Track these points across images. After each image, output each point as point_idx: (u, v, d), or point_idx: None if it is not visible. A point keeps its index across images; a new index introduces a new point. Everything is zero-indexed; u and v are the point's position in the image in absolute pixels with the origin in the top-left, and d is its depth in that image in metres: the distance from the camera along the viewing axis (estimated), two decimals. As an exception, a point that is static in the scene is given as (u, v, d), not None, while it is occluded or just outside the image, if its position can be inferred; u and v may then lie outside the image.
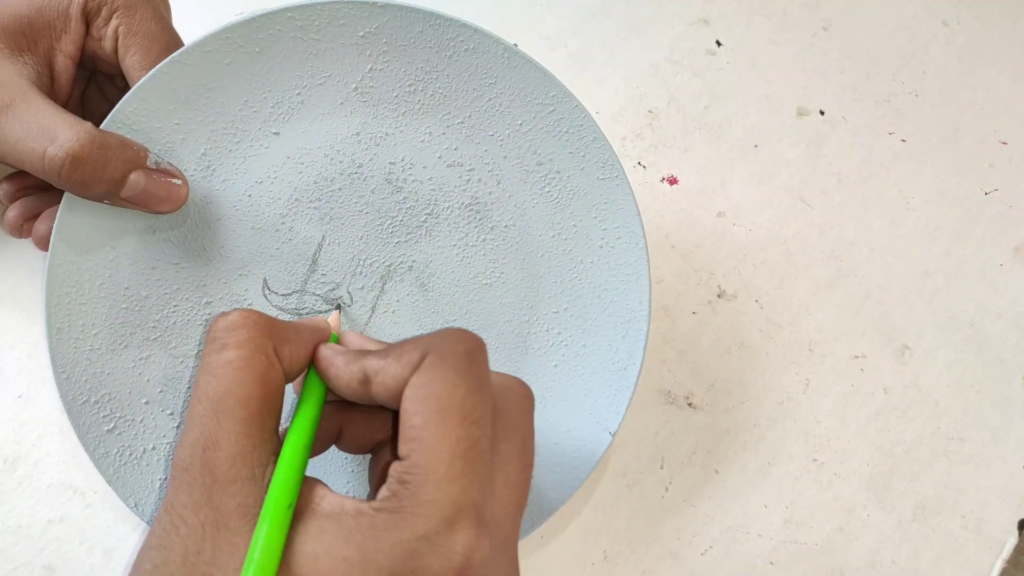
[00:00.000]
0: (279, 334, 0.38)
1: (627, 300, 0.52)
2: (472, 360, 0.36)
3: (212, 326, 0.38)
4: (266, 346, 0.37)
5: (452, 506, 0.33)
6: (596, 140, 0.50)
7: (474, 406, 0.35)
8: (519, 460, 0.37)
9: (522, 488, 0.37)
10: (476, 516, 0.33)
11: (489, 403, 0.36)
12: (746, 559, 0.59)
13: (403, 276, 0.51)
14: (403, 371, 0.36)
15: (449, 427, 0.34)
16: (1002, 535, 0.62)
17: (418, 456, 0.34)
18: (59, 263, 0.46)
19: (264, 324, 0.38)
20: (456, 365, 0.35)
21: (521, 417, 0.39)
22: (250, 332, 0.37)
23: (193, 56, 0.46)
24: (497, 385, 0.38)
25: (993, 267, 0.69)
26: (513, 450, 0.37)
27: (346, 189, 0.50)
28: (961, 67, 0.75)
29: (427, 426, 0.34)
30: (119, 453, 0.48)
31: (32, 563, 0.53)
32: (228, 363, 0.36)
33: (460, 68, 0.49)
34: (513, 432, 0.38)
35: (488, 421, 0.35)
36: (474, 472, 0.34)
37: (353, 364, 0.38)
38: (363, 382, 0.38)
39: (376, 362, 0.37)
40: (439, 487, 0.33)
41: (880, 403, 0.64)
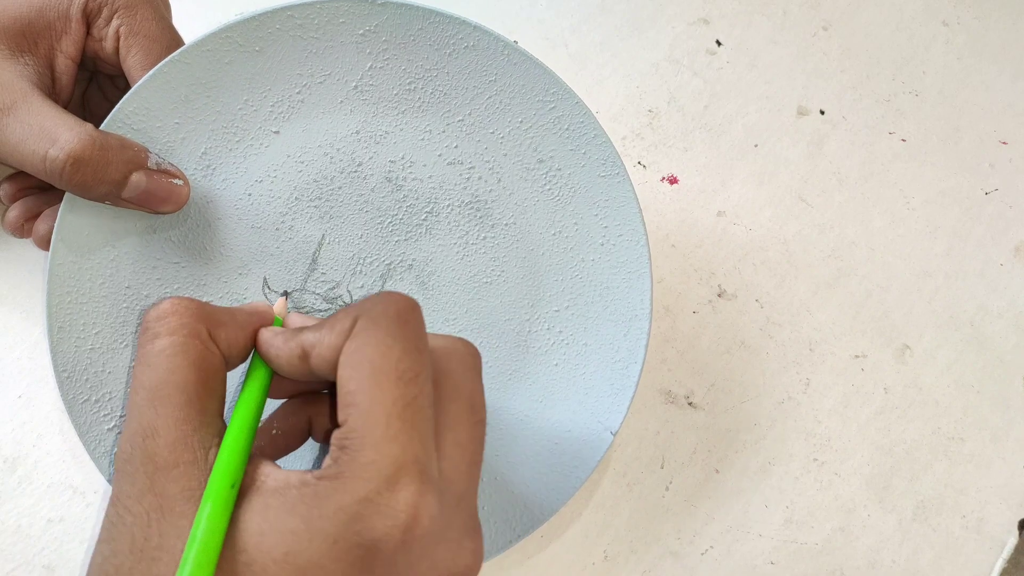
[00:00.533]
0: (213, 318, 0.38)
1: (628, 298, 0.52)
2: (404, 320, 0.36)
3: (144, 316, 0.38)
4: (199, 331, 0.37)
5: (392, 465, 0.33)
6: (597, 137, 0.50)
7: (409, 365, 0.34)
8: (468, 418, 0.37)
9: (474, 446, 0.37)
10: (419, 473, 0.33)
11: (425, 362, 0.36)
12: (746, 559, 0.59)
13: (403, 274, 0.51)
14: (337, 339, 0.36)
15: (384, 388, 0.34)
16: (1002, 535, 0.62)
17: (355, 420, 0.34)
18: (60, 262, 0.46)
19: (195, 309, 0.38)
20: (388, 327, 0.35)
21: (466, 376, 0.38)
22: (181, 318, 0.37)
23: (193, 55, 0.46)
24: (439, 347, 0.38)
25: (993, 267, 0.69)
26: (460, 409, 0.37)
27: (346, 188, 0.50)
28: (961, 67, 0.75)
29: (361, 390, 0.34)
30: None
31: (32, 563, 0.53)
32: (161, 351, 0.36)
33: (460, 66, 0.49)
34: (458, 391, 0.37)
35: (426, 379, 0.35)
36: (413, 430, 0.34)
37: (291, 341, 0.38)
38: (302, 357, 0.37)
39: (312, 335, 0.37)
40: (377, 447, 0.33)
41: (880, 403, 0.64)
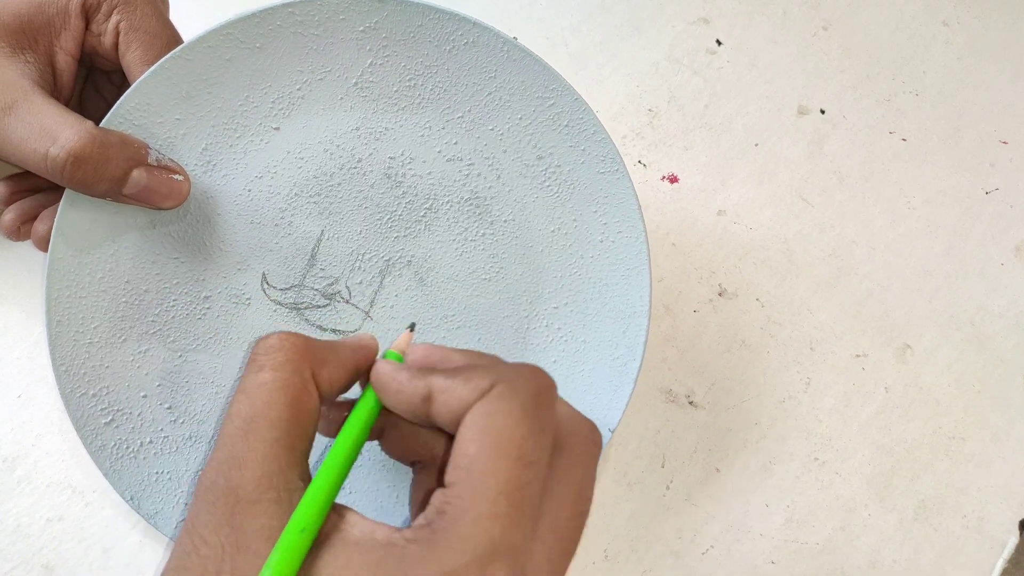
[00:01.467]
0: (318, 356, 0.38)
1: (627, 295, 0.52)
2: (541, 401, 0.35)
3: (253, 348, 0.38)
4: (303, 369, 0.37)
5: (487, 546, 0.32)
6: (596, 134, 0.50)
7: (532, 448, 0.34)
8: (572, 506, 0.36)
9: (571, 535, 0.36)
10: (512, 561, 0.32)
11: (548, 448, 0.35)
12: (747, 558, 0.59)
13: (402, 271, 0.51)
14: (470, 395, 0.35)
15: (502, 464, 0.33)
16: (1003, 535, 0.62)
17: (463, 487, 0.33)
18: (60, 257, 0.46)
19: (302, 347, 0.37)
20: (524, 402, 0.34)
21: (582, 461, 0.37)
22: (288, 355, 0.37)
23: (194, 52, 0.46)
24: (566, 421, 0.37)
25: (994, 266, 0.69)
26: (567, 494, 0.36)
27: (345, 184, 0.50)
28: (961, 67, 0.75)
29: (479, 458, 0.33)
30: (116, 446, 0.48)
31: (31, 562, 0.53)
32: (262, 384, 0.36)
33: (460, 62, 0.49)
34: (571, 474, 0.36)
35: (543, 467, 0.34)
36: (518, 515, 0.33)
37: (418, 379, 0.37)
38: (426, 399, 0.36)
39: (443, 381, 0.36)
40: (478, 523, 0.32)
41: (881, 402, 0.64)
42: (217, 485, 0.34)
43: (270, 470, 0.34)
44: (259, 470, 0.34)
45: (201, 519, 0.34)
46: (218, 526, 0.33)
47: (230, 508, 0.33)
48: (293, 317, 0.50)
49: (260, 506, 0.33)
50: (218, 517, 0.33)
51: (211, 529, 0.33)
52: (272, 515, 0.33)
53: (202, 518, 0.34)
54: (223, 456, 0.35)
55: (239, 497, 0.33)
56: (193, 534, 0.33)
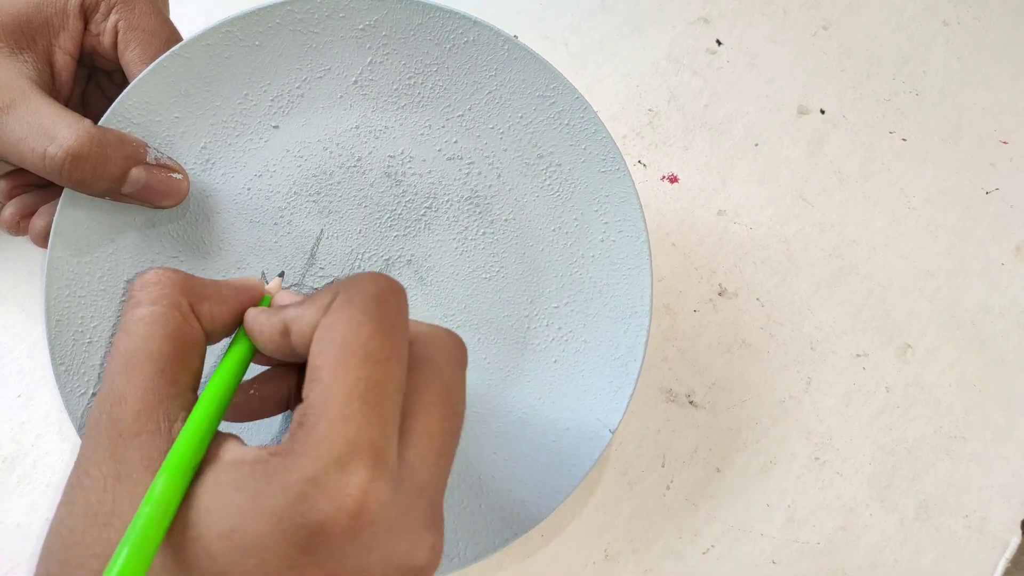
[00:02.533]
0: (197, 291, 0.38)
1: (628, 295, 0.52)
2: (382, 301, 0.35)
3: (130, 285, 0.38)
4: (180, 302, 0.37)
5: (344, 445, 0.31)
6: (597, 132, 0.50)
7: (379, 346, 0.34)
8: (441, 408, 0.36)
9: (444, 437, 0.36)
10: (372, 457, 0.32)
11: (398, 346, 0.35)
12: (748, 558, 0.59)
13: (402, 270, 0.51)
14: (315, 315, 0.35)
15: (349, 366, 0.33)
16: (1005, 534, 0.62)
17: (315, 396, 0.33)
18: (59, 256, 0.46)
19: (179, 281, 0.38)
20: (364, 305, 0.34)
21: (447, 366, 0.37)
22: (164, 288, 0.37)
23: (193, 50, 0.46)
24: (421, 333, 0.38)
25: (994, 266, 0.69)
26: (434, 397, 0.36)
27: (345, 182, 0.50)
28: (961, 67, 0.75)
29: (327, 366, 0.33)
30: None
31: (30, 562, 0.53)
32: (140, 319, 0.36)
33: (460, 60, 0.49)
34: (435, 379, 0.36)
35: (397, 363, 0.34)
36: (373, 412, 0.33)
37: (274, 316, 0.37)
38: (283, 333, 0.37)
39: (293, 311, 0.36)
40: (332, 426, 0.32)
41: (882, 402, 0.64)
42: (100, 421, 0.34)
43: (150, 403, 0.35)
44: (138, 404, 0.34)
45: (86, 454, 0.34)
46: (101, 460, 0.34)
47: (112, 442, 0.34)
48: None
49: (140, 438, 0.34)
50: (101, 451, 0.34)
51: (94, 463, 0.34)
52: (152, 446, 0.34)
53: (87, 453, 0.34)
54: (105, 392, 0.35)
55: (120, 431, 0.34)
56: (79, 469, 0.34)
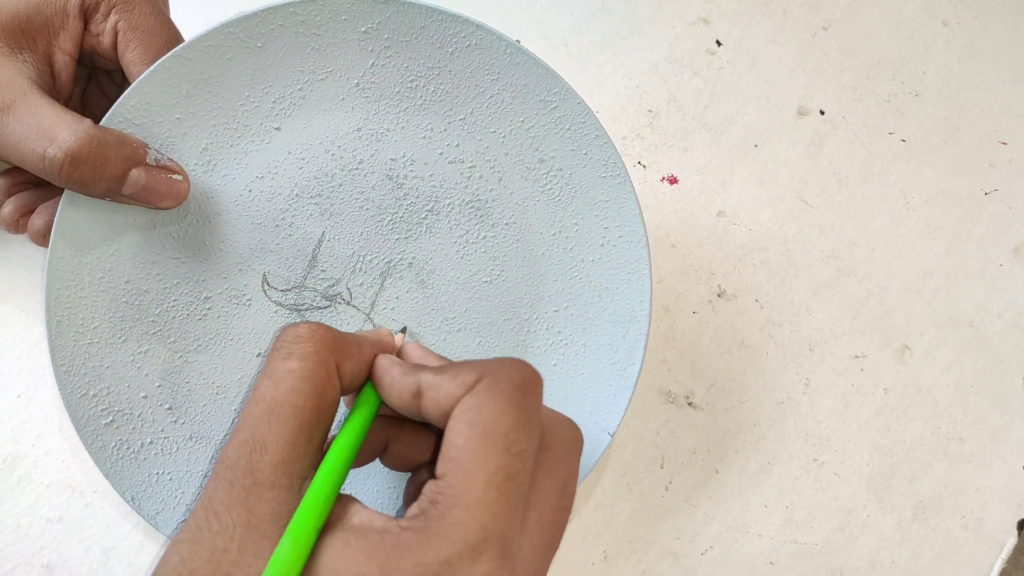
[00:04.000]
0: (343, 350, 0.39)
1: (628, 299, 0.52)
2: (526, 392, 0.36)
3: (281, 334, 0.38)
4: (328, 361, 0.38)
5: (479, 533, 0.32)
6: (598, 138, 0.50)
7: (519, 438, 0.34)
8: (557, 500, 0.37)
9: (555, 528, 0.37)
10: (502, 548, 0.33)
11: (535, 438, 0.36)
12: (746, 559, 0.59)
13: (403, 273, 0.51)
14: (456, 390, 0.36)
15: (490, 453, 0.34)
16: (1002, 535, 0.62)
17: (454, 477, 0.34)
18: (60, 257, 0.46)
19: (330, 339, 0.38)
20: (510, 394, 0.35)
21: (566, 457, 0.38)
22: (316, 346, 0.38)
23: (195, 51, 0.46)
24: (547, 421, 0.38)
25: (993, 267, 0.69)
26: (552, 488, 0.37)
27: (347, 185, 0.50)
28: (961, 67, 0.75)
29: (468, 448, 0.34)
30: (116, 447, 0.48)
31: (31, 562, 0.53)
32: (290, 372, 0.37)
33: (462, 64, 0.49)
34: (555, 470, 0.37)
35: (531, 456, 0.35)
36: (507, 503, 0.33)
37: (408, 376, 0.38)
38: (415, 395, 0.37)
39: (431, 377, 0.37)
40: (469, 511, 0.33)
41: (880, 403, 0.64)
42: (237, 465, 0.35)
43: (288, 456, 0.35)
44: (278, 456, 0.35)
45: (218, 496, 0.35)
46: (232, 505, 0.34)
47: (246, 489, 0.34)
48: (294, 319, 0.50)
49: (275, 491, 0.35)
50: (234, 496, 0.34)
51: (225, 507, 0.34)
52: (284, 500, 0.35)
53: (219, 495, 0.35)
54: (245, 437, 0.36)
55: (256, 480, 0.35)
56: (208, 509, 0.34)
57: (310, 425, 0.36)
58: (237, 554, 0.33)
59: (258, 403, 0.36)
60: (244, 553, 0.33)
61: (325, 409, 0.37)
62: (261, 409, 0.36)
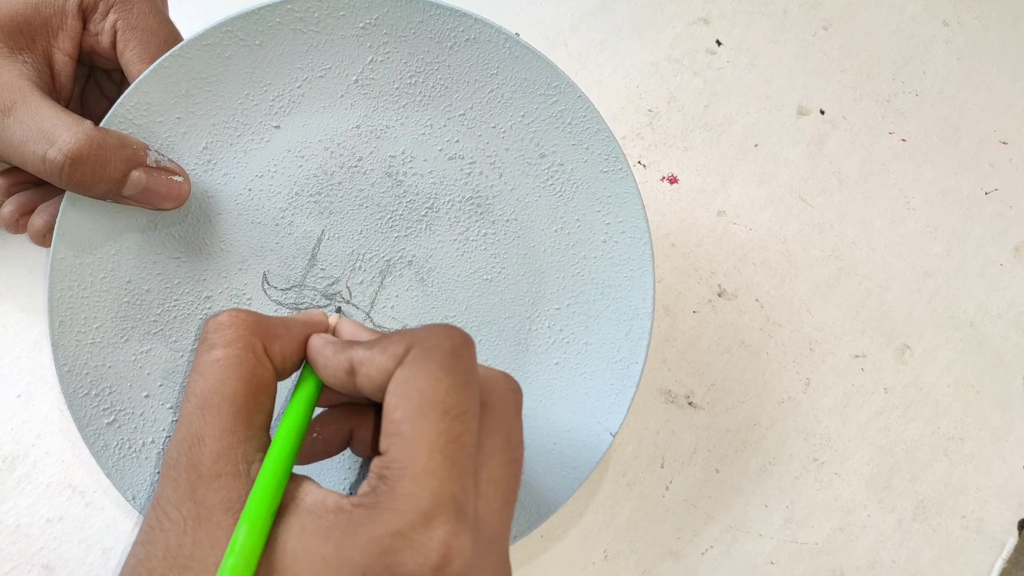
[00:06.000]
0: (269, 332, 0.39)
1: (630, 297, 0.52)
2: (458, 356, 0.36)
3: (204, 327, 0.38)
4: (254, 344, 0.38)
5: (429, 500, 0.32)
6: (600, 132, 0.50)
7: (457, 401, 0.34)
8: (504, 455, 0.37)
9: (509, 484, 0.37)
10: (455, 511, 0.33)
11: (474, 399, 0.36)
12: (746, 559, 0.59)
13: (402, 271, 0.51)
14: (387, 363, 0.36)
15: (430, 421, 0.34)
16: (1002, 535, 0.62)
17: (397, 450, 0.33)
18: (62, 257, 0.46)
19: (253, 322, 0.38)
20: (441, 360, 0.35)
21: (507, 412, 0.38)
22: (238, 331, 0.38)
23: (194, 50, 0.46)
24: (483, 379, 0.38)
25: (993, 267, 0.69)
26: (498, 445, 0.37)
27: (346, 183, 0.50)
28: (961, 67, 0.75)
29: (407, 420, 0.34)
30: (118, 446, 0.48)
31: (31, 562, 0.53)
32: (216, 361, 0.37)
33: (461, 59, 0.49)
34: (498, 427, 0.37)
35: (473, 417, 0.35)
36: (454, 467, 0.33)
37: (340, 354, 0.38)
38: (349, 372, 0.37)
39: (362, 352, 0.37)
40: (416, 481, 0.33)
41: (880, 403, 0.64)
42: (179, 463, 0.35)
43: (228, 444, 0.35)
44: (217, 445, 0.35)
45: (165, 495, 0.35)
46: (180, 501, 0.35)
47: (191, 483, 0.35)
48: (294, 317, 0.50)
49: (220, 480, 0.35)
50: (180, 493, 0.35)
51: (174, 504, 0.35)
52: (231, 488, 0.35)
53: (166, 494, 0.35)
54: (183, 434, 0.36)
55: (200, 473, 0.35)
56: (157, 509, 0.35)
57: (247, 410, 0.36)
58: (192, 547, 0.34)
59: (189, 399, 0.36)
60: (199, 545, 0.34)
61: (260, 391, 0.37)
62: (193, 404, 0.36)
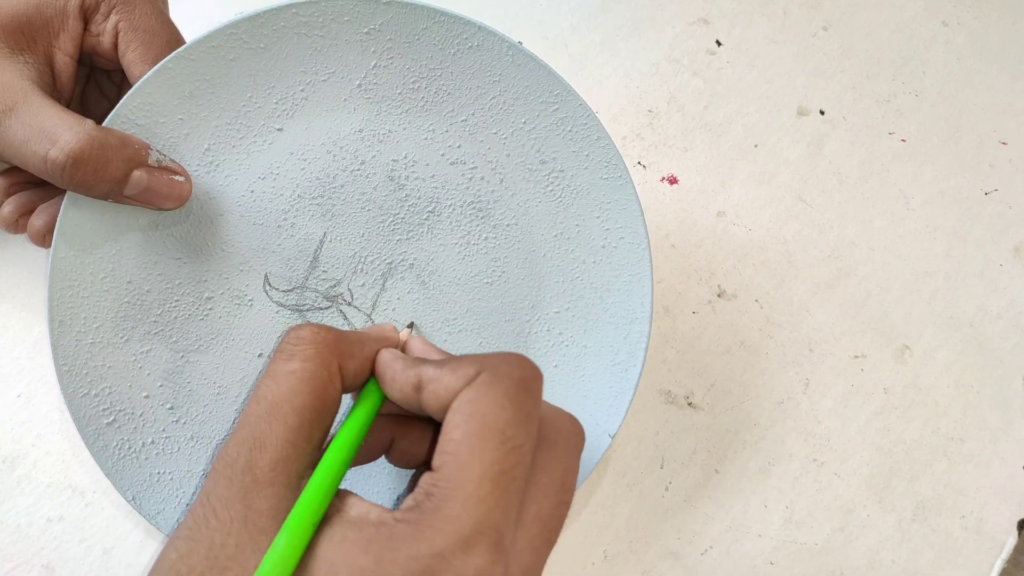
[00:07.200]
0: (345, 350, 0.39)
1: (629, 301, 0.52)
2: (526, 388, 0.36)
3: (285, 336, 0.39)
4: (331, 362, 0.38)
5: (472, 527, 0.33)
6: (600, 139, 0.50)
7: (516, 432, 0.35)
8: (556, 496, 0.37)
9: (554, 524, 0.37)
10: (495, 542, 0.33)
11: (533, 434, 0.36)
12: (746, 559, 0.59)
13: (404, 274, 0.51)
14: (456, 383, 0.36)
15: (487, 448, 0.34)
16: (1002, 535, 0.62)
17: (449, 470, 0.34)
18: (62, 257, 0.46)
19: (332, 341, 0.39)
20: (508, 388, 0.35)
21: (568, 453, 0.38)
22: (318, 348, 0.38)
23: (197, 51, 0.46)
24: (549, 417, 0.38)
25: (993, 267, 0.69)
26: (551, 484, 0.37)
27: (348, 186, 0.50)
28: (961, 67, 0.75)
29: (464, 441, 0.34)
30: (118, 446, 0.48)
31: (31, 562, 0.53)
32: (292, 372, 0.37)
33: (464, 65, 0.49)
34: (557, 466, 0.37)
35: (528, 452, 0.35)
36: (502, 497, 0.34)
37: (410, 369, 0.38)
38: (416, 388, 0.38)
39: (432, 370, 0.37)
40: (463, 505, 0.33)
41: (880, 403, 0.64)
42: (236, 463, 0.35)
43: (287, 455, 0.36)
44: (277, 454, 0.35)
45: (217, 492, 0.35)
46: (231, 501, 0.35)
47: (245, 486, 0.35)
48: (295, 319, 0.50)
49: (273, 488, 0.35)
50: (232, 493, 0.35)
51: (224, 504, 0.35)
52: (282, 497, 0.35)
53: (218, 492, 0.35)
54: (245, 435, 0.36)
55: (255, 477, 0.35)
56: (207, 506, 0.35)
57: (310, 425, 0.36)
58: (235, 549, 0.34)
59: (259, 402, 0.37)
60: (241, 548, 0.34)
61: (325, 410, 0.37)
62: (262, 408, 0.36)
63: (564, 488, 0.37)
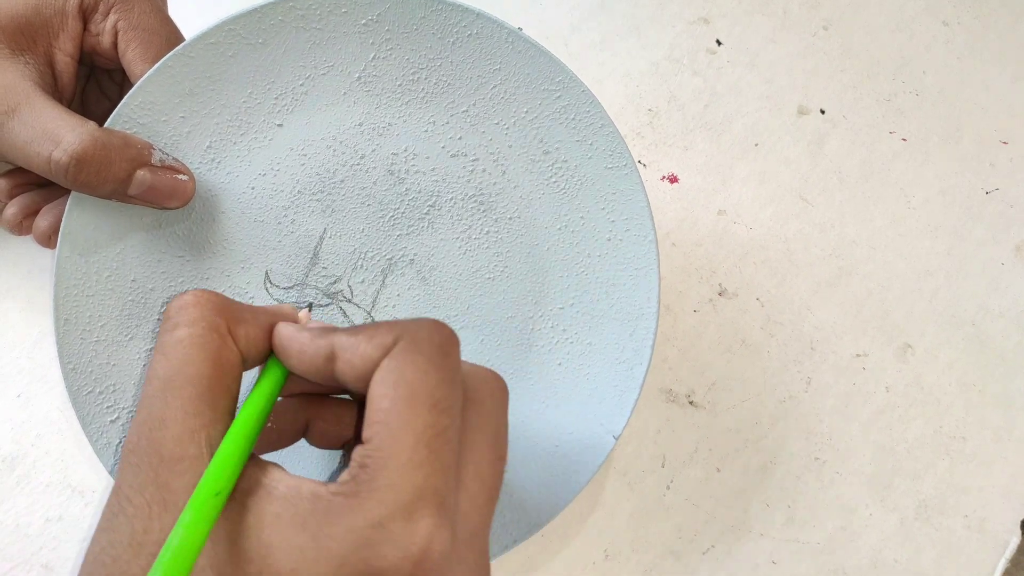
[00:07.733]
0: (234, 314, 0.38)
1: (635, 296, 0.51)
2: (445, 351, 0.35)
3: (167, 306, 0.37)
4: (218, 324, 0.37)
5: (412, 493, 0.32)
6: (604, 127, 0.50)
7: (444, 395, 0.34)
8: (491, 452, 0.37)
9: (493, 480, 0.36)
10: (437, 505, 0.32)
11: (459, 394, 0.35)
12: (748, 558, 0.59)
13: (404, 270, 0.51)
14: (374, 352, 0.35)
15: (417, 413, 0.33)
16: (1005, 534, 0.62)
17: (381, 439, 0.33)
18: (67, 256, 0.46)
19: (217, 303, 0.37)
20: (430, 353, 0.35)
21: (494, 409, 0.38)
22: (202, 311, 0.37)
23: (197, 48, 0.46)
24: (470, 375, 0.38)
25: (994, 266, 0.69)
26: (485, 441, 0.36)
27: (348, 181, 0.50)
28: (961, 67, 0.75)
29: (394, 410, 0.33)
30: (121, 444, 0.48)
31: (30, 562, 0.53)
32: (179, 342, 0.36)
33: (464, 54, 0.49)
34: (485, 423, 0.37)
35: (457, 412, 0.35)
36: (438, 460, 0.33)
37: (320, 339, 0.37)
38: (329, 359, 0.36)
39: (345, 339, 0.36)
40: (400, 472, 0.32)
41: (882, 402, 0.64)
42: (139, 447, 0.34)
43: (191, 427, 0.34)
44: (179, 428, 0.34)
45: (126, 480, 0.34)
46: (143, 486, 0.33)
47: (154, 468, 0.33)
48: (296, 316, 0.50)
49: (183, 463, 0.34)
50: (142, 478, 0.33)
51: (136, 490, 0.33)
52: (197, 472, 0.33)
53: (127, 479, 0.34)
54: (143, 417, 0.35)
55: (162, 456, 0.34)
56: (120, 495, 0.34)
57: (211, 392, 0.35)
58: (159, 532, 0.33)
59: (151, 381, 0.35)
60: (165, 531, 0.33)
61: (224, 374, 0.36)
62: (155, 386, 0.35)
63: (498, 443, 0.37)
